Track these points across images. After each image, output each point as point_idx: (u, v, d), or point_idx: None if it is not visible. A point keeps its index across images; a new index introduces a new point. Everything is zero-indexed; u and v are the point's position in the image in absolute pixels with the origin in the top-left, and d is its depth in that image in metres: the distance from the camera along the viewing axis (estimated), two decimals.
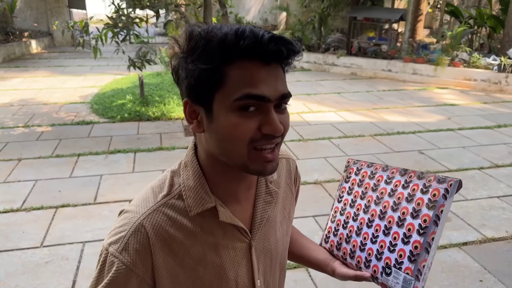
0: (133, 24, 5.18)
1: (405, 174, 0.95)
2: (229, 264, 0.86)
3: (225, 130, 0.73)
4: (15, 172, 4.43)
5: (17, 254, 3.09)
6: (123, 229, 0.79)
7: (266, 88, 0.71)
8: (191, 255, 0.82)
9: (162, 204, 0.81)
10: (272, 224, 0.94)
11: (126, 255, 0.77)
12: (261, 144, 0.74)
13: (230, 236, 0.85)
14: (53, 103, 7.19)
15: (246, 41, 0.69)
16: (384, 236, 0.93)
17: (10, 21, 13.19)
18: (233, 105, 0.71)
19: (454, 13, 12.09)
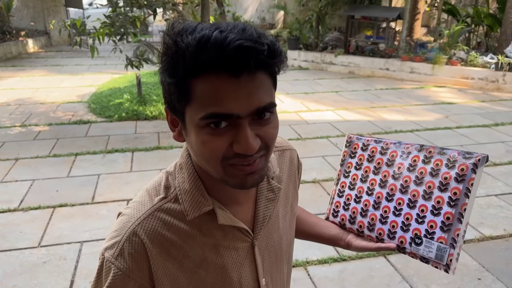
0: (130, 23, 5.16)
1: (423, 150, 0.96)
2: (232, 265, 0.83)
3: (196, 147, 0.70)
4: (12, 172, 4.41)
5: (14, 254, 3.08)
6: (118, 234, 0.77)
7: (234, 105, 0.64)
8: (191, 258, 0.79)
9: (157, 208, 0.79)
10: (275, 220, 0.91)
11: (122, 261, 0.75)
12: (235, 162, 0.69)
13: (231, 237, 0.82)
14: (50, 103, 7.16)
15: (209, 54, 0.62)
16: (410, 209, 0.95)
17: (6, 20, 13.13)
18: (201, 123, 0.66)
19: (451, 12, 12.10)
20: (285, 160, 0.97)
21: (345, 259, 3.04)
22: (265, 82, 0.68)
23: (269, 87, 0.70)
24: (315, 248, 3.17)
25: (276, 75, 0.72)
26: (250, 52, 0.62)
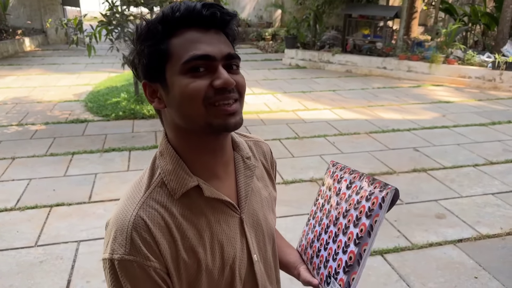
0: (127, 21, 5.14)
1: (363, 179, 0.90)
2: (226, 241, 0.88)
3: (180, 94, 0.78)
4: (9, 171, 4.40)
5: (11, 253, 3.07)
6: (122, 232, 0.79)
7: (209, 48, 0.78)
8: (188, 238, 0.83)
9: (148, 196, 0.83)
10: (258, 199, 0.97)
11: (136, 253, 0.78)
12: (217, 100, 0.78)
13: (220, 213, 0.88)
14: (47, 101, 7.14)
15: (181, 12, 0.78)
16: (332, 243, 0.91)
17: (3, 19, 13.07)
18: (183, 69, 0.77)
19: (448, 11, 12.12)
20: (260, 150, 1.06)
21: None
22: (227, 41, 0.83)
23: (231, 46, 0.84)
24: None
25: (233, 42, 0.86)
26: (213, 7, 0.79)
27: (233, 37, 0.85)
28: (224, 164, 0.90)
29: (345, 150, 5.14)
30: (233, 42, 0.85)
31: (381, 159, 4.87)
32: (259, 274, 0.96)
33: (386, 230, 3.43)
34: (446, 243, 3.27)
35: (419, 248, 3.20)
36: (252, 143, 1.05)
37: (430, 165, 4.73)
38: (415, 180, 4.35)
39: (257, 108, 6.94)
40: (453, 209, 3.79)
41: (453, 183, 4.29)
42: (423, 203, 3.90)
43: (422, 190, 4.13)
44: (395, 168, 4.62)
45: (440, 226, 3.50)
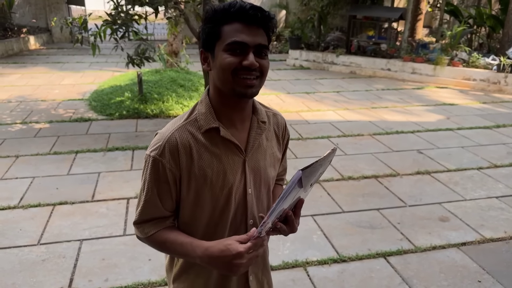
0: (132, 21, 5.15)
1: None
2: (229, 170, 1.22)
3: (219, 63, 1.13)
4: (12, 169, 4.41)
5: (14, 251, 3.07)
6: (160, 140, 1.19)
7: (246, 38, 1.11)
8: (203, 159, 1.19)
9: (185, 123, 1.21)
10: (262, 153, 1.30)
11: (163, 156, 1.17)
12: (242, 74, 1.12)
13: (230, 151, 1.22)
14: (51, 100, 7.15)
15: (235, 8, 1.11)
16: None
17: (8, 17, 13.11)
18: (226, 48, 1.12)
19: (453, 13, 12.07)
20: (275, 120, 1.38)
21: (345, 260, 3.03)
22: (264, 35, 1.16)
23: (265, 39, 1.16)
24: (314, 248, 3.16)
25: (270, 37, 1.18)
26: (258, 10, 1.12)
27: (269, 32, 1.17)
28: (241, 119, 1.25)
29: (348, 152, 5.12)
30: (270, 36, 1.17)
31: (385, 161, 4.85)
32: (249, 203, 1.29)
33: (389, 232, 3.41)
34: (450, 246, 3.26)
35: (422, 251, 3.19)
36: (271, 114, 1.38)
37: (434, 167, 4.71)
38: (419, 183, 4.34)
39: None
40: (457, 212, 3.77)
41: (457, 186, 4.27)
42: (426, 205, 3.88)
43: (426, 193, 4.11)
44: (398, 170, 4.60)
45: (443, 229, 3.49)
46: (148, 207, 1.23)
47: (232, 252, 1.10)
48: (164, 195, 1.22)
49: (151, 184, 1.21)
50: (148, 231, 1.25)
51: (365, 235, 3.36)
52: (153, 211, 1.24)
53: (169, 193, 1.22)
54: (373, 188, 4.18)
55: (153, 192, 1.21)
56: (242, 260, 1.10)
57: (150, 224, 1.25)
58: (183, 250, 1.21)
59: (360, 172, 4.52)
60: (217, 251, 1.13)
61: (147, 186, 1.21)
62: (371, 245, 3.23)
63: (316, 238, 3.30)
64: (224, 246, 1.12)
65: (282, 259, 3.02)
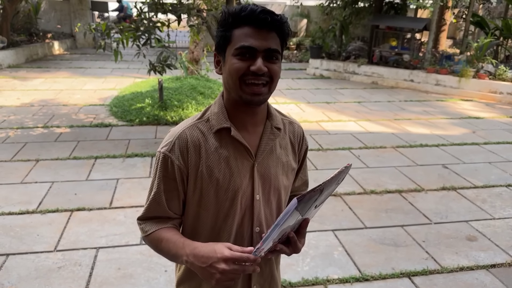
0: (154, 28, 5.15)
1: None
2: (237, 173, 1.20)
3: (228, 68, 1.13)
4: (32, 173, 4.42)
5: (30, 257, 3.05)
6: (171, 137, 1.20)
7: (255, 42, 1.09)
8: (211, 159, 1.18)
9: (196, 122, 1.22)
10: (274, 159, 1.26)
11: (173, 153, 1.18)
12: (249, 79, 1.10)
13: (239, 153, 1.20)
14: (72, 105, 7.22)
15: (245, 13, 1.10)
16: None
17: (34, 22, 13.40)
18: (234, 52, 1.11)
19: (479, 24, 11.80)
20: (291, 129, 1.34)
21: (368, 279, 2.91)
22: (275, 39, 1.13)
23: (278, 43, 1.14)
24: (336, 266, 3.05)
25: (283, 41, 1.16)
26: (268, 13, 1.09)
27: (283, 36, 1.14)
28: (254, 123, 1.22)
29: (370, 165, 4.99)
30: (283, 39, 1.15)
31: (409, 175, 4.70)
32: (257, 209, 1.24)
33: (414, 251, 3.27)
34: (478, 267, 3.10)
35: (449, 271, 3.04)
36: (287, 122, 1.35)
37: (460, 183, 4.54)
38: (444, 199, 4.17)
39: None
40: (485, 231, 3.60)
41: (484, 204, 4.10)
42: (452, 223, 3.72)
43: (452, 210, 3.95)
44: (423, 185, 4.44)
45: (471, 249, 3.33)
46: (154, 205, 1.23)
47: (217, 254, 1.05)
48: (171, 194, 1.21)
49: (159, 181, 1.20)
50: (148, 228, 1.24)
51: (388, 253, 3.23)
52: (158, 210, 1.23)
53: (176, 191, 1.21)
54: (397, 204, 4.04)
55: (159, 189, 1.20)
56: (224, 266, 1.03)
57: (152, 222, 1.24)
58: (174, 249, 1.17)
59: (383, 186, 4.38)
60: (204, 251, 1.08)
61: (156, 183, 1.21)
62: (395, 264, 3.09)
63: (337, 255, 3.18)
64: (212, 247, 1.08)
65: (302, 275, 2.92)
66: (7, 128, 5.80)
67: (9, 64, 10.53)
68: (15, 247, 3.16)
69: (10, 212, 3.64)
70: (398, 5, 11.72)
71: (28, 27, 13.06)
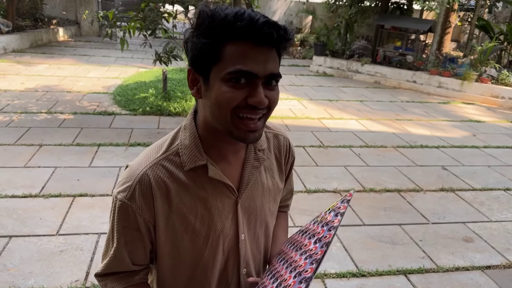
0: (161, 18, 5.17)
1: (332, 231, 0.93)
2: (217, 216, 0.99)
3: (215, 97, 0.85)
4: (35, 158, 4.45)
5: (33, 240, 3.09)
6: (130, 179, 0.94)
7: (255, 66, 0.83)
8: (184, 204, 0.96)
9: (161, 159, 0.95)
10: (259, 187, 1.06)
11: (133, 201, 0.93)
12: (244, 113, 0.85)
13: (219, 192, 0.98)
14: (76, 92, 7.24)
15: (243, 23, 0.80)
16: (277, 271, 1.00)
17: (40, 8, 13.39)
18: (226, 77, 0.83)
19: (484, 28, 11.81)
20: (276, 143, 1.14)
21: (364, 275, 2.95)
22: (276, 57, 0.88)
23: (278, 63, 0.89)
24: (333, 261, 3.09)
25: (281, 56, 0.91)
26: (273, 27, 0.82)
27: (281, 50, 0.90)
28: (234, 151, 1.00)
29: (371, 163, 5.03)
30: (280, 54, 0.91)
31: (408, 175, 4.74)
32: (242, 251, 1.06)
33: (410, 249, 3.32)
34: (474, 268, 3.15)
35: (444, 271, 3.09)
36: (272, 135, 1.13)
37: (458, 185, 4.59)
38: (443, 200, 4.22)
39: (282, 113, 6.88)
40: (482, 233, 3.65)
41: (482, 206, 4.14)
42: (450, 224, 3.77)
43: (450, 211, 4.00)
44: (422, 186, 4.49)
45: (467, 250, 3.38)
46: (114, 261, 1.01)
47: None
48: (134, 245, 0.99)
49: (118, 234, 0.97)
50: (111, 286, 1.03)
51: (385, 251, 3.28)
52: (119, 266, 1.01)
53: (141, 242, 0.99)
54: (396, 202, 4.08)
55: (119, 244, 0.98)
56: None
57: (115, 278, 1.03)
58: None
59: (383, 185, 4.43)
60: None
61: (115, 236, 0.98)
62: (391, 261, 3.14)
63: (335, 250, 3.23)
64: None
65: None
66: (11, 112, 5.83)
67: (13, 48, 10.54)
68: (17, 229, 3.20)
69: (13, 195, 3.68)
70: (403, 5, 11.72)
71: (33, 12, 13.04)
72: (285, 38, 0.84)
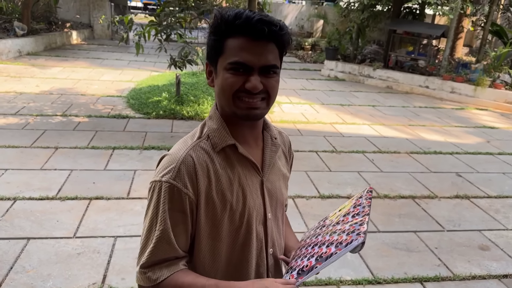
0: (176, 23, 5.22)
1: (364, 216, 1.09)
2: (249, 193, 1.10)
3: (220, 83, 1.03)
4: (51, 160, 4.51)
5: (50, 242, 3.13)
6: (173, 162, 1.03)
7: (251, 58, 0.98)
8: (221, 182, 1.06)
9: (197, 143, 1.07)
10: (277, 172, 1.20)
11: (179, 180, 1.01)
12: (243, 96, 1.01)
13: (248, 171, 1.10)
14: (90, 95, 7.32)
15: (240, 21, 0.97)
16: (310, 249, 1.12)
17: (54, 11, 13.57)
18: (228, 67, 1.01)
19: (498, 33, 11.72)
20: (281, 139, 1.28)
21: (380, 282, 2.94)
22: (274, 50, 1.02)
23: (276, 55, 1.03)
24: (348, 267, 3.09)
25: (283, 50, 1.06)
26: (266, 24, 0.97)
27: (282, 45, 1.04)
28: (254, 137, 1.14)
29: (384, 169, 5.01)
30: (282, 49, 1.05)
31: (422, 181, 4.72)
32: (269, 229, 1.17)
33: (426, 257, 3.30)
34: (490, 277, 3.12)
35: (461, 279, 3.06)
36: (277, 131, 1.27)
37: (473, 192, 4.55)
38: (458, 207, 4.19)
39: (294, 117, 6.89)
40: (498, 241, 3.61)
41: (498, 214, 4.10)
42: (465, 232, 3.74)
43: (465, 218, 3.97)
44: (436, 193, 4.46)
45: (483, 258, 3.35)
46: (161, 246, 1.03)
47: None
48: (179, 229, 1.03)
49: (164, 216, 1.01)
50: (159, 276, 1.03)
51: (401, 258, 3.26)
52: (166, 251, 1.04)
53: (185, 225, 1.04)
54: (410, 209, 4.06)
55: (166, 226, 1.02)
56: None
57: (162, 266, 1.04)
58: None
59: (397, 192, 4.41)
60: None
61: (160, 220, 1.02)
62: (407, 269, 3.12)
63: (350, 257, 3.22)
64: (261, 285, 1.00)
65: (315, 275, 2.96)
66: (27, 115, 5.91)
67: (28, 51, 10.69)
68: (35, 231, 3.24)
69: (30, 197, 3.73)
70: (416, 10, 11.68)
71: (48, 15, 13.22)
72: (277, 33, 0.99)
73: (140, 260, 1.06)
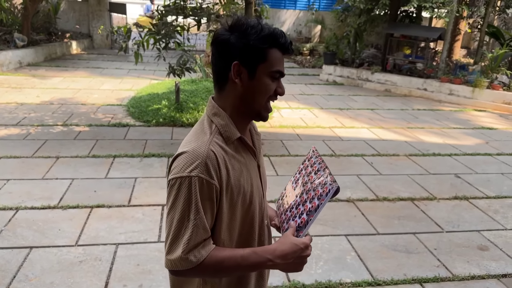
0: (174, 32, 5.28)
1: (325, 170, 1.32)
2: (254, 177, 1.32)
3: (261, 86, 1.21)
4: (53, 170, 4.55)
5: (53, 251, 3.16)
6: (197, 158, 1.15)
7: (283, 68, 1.23)
8: (236, 170, 1.23)
9: (212, 139, 1.20)
10: (262, 157, 1.42)
11: (207, 173, 1.14)
12: (271, 99, 1.25)
13: (250, 157, 1.31)
14: (91, 104, 7.38)
15: (283, 40, 1.20)
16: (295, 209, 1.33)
17: (53, 22, 13.67)
18: (270, 74, 1.20)
19: (494, 35, 11.77)
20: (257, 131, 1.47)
21: (380, 284, 2.97)
22: None
23: None
24: (348, 270, 3.11)
25: None
26: (291, 43, 1.24)
27: None
28: (246, 129, 1.33)
29: (383, 172, 5.04)
30: None
31: (421, 183, 4.75)
32: (265, 205, 1.40)
33: (425, 258, 3.32)
34: (489, 277, 3.14)
35: (460, 280, 3.08)
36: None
37: (472, 193, 4.58)
38: (456, 208, 4.21)
39: (294, 122, 6.93)
40: (497, 241, 3.63)
41: (496, 214, 4.13)
42: (464, 232, 3.76)
43: (464, 219, 3.99)
44: (435, 194, 4.49)
45: (482, 259, 3.37)
46: (198, 231, 1.16)
47: (301, 246, 1.20)
48: (208, 214, 1.18)
49: (197, 206, 1.15)
50: (199, 256, 1.16)
51: (400, 260, 3.28)
52: (202, 235, 1.17)
53: (212, 210, 1.19)
54: (409, 211, 4.09)
55: (199, 214, 1.15)
56: (309, 251, 1.22)
57: (200, 248, 1.17)
58: (246, 262, 1.20)
59: (396, 194, 4.44)
60: (288, 248, 1.20)
61: (193, 209, 1.15)
62: (406, 270, 3.15)
63: (350, 259, 3.24)
64: (291, 242, 1.21)
65: (315, 278, 2.99)
66: (28, 125, 5.96)
67: (28, 62, 10.78)
68: (38, 240, 3.28)
69: (32, 206, 3.77)
70: (413, 14, 11.75)
71: (47, 26, 13.32)
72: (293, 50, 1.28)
73: (175, 248, 1.16)
